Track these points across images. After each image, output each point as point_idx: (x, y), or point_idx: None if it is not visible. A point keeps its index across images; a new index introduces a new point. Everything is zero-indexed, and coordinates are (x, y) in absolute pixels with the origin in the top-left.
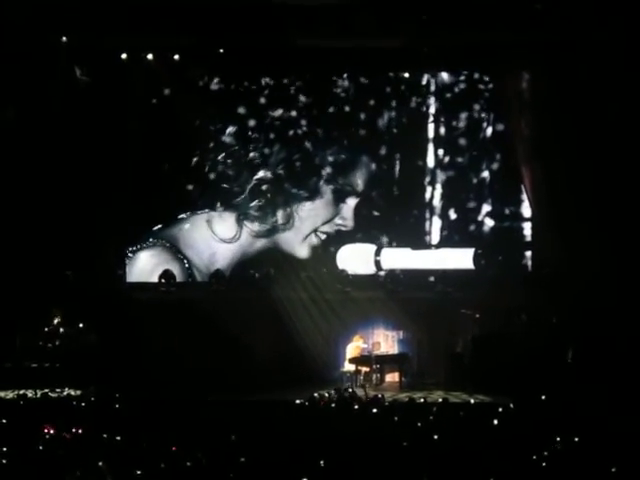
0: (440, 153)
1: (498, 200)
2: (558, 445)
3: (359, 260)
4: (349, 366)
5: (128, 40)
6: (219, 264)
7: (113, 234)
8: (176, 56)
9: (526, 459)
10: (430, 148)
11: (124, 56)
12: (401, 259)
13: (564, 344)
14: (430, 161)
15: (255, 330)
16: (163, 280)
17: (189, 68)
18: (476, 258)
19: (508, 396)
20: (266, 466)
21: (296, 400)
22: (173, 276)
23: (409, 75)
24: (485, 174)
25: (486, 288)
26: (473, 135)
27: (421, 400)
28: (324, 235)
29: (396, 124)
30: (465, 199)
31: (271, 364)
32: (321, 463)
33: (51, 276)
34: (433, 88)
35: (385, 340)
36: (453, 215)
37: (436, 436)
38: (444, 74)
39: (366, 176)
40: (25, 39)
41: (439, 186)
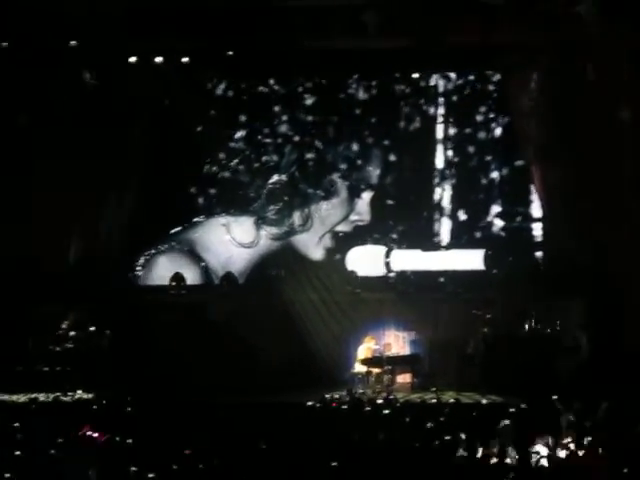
0: (449, 154)
1: (508, 201)
2: (571, 444)
3: (369, 262)
4: (360, 367)
5: (136, 43)
6: (235, 267)
7: (125, 238)
8: (185, 59)
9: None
10: (440, 149)
11: (133, 59)
12: (411, 260)
13: (575, 344)
14: (439, 162)
15: (266, 332)
16: (174, 283)
17: (198, 71)
18: (486, 259)
19: (519, 396)
20: (278, 467)
21: (307, 402)
22: (183, 279)
23: (418, 76)
24: (495, 175)
25: (497, 289)
26: (482, 136)
27: (433, 401)
28: (341, 234)
29: (405, 125)
30: (475, 200)
31: (282, 366)
32: (333, 464)
33: (62, 279)
34: (442, 89)
35: (396, 341)
36: (463, 216)
37: (448, 437)
38: (453, 74)
39: (378, 169)
40: (34, 44)
41: (449, 187)
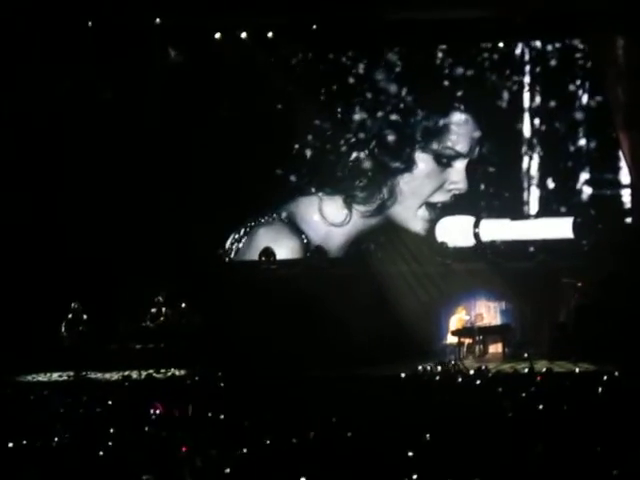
0: (536, 122)
1: (596, 168)
2: None
3: (458, 232)
4: (452, 338)
5: (221, 20)
6: (331, 243)
7: (214, 215)
8: (269, 34)
9: (631, 428)
10: (526, 118)
11: (217, 36)
12: (500, 230)
13: None
14: (527, 131)
15: (357, 305)
16: (264, 258)
17: (282, 46)
18: (575, 227)
19: (613, 364)
20: (372, 441)
21: (401, 374)
22: (273, 253)
23: (504, 45)
24: (582, 142)
25: (587, 256)
26: (569, 103)
27: (525, 370)
28: (439, 204)
29: (492, 94)
30: (563, 168)
31: (374, 339)
32: (427, 437)
33: (153, 257)
34: (528, 57)
35: (487, 311)
36: (551, 184)
37: (541, 406)
38: (538, 43)
39: (467, 138)
40: (120, 22)
41: (536, 156)
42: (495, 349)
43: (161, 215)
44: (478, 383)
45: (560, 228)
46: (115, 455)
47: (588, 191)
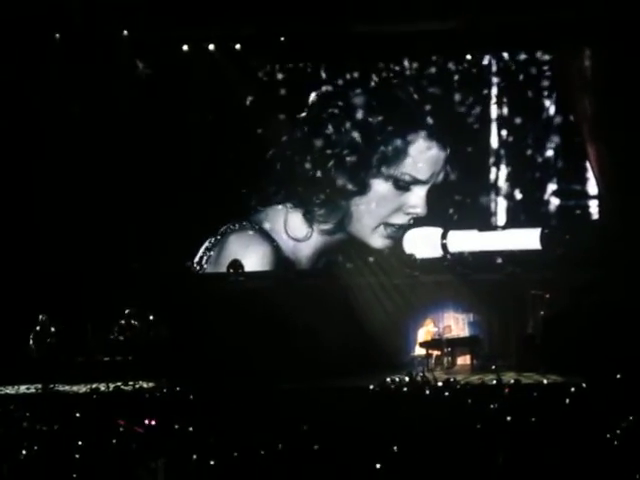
0: (504, 134)
1: (564, 179)
2: (632, 424)
3: (425, 244)
4: (420, 350)
5: (189, 31)
6: (301, 253)
7: (182, 226)
8: (237, 46)
9: (600, 438)
10: (494, 129)
11: (185, 47)
12: (468, 241)
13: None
14: (494, 142)
15: (324, 317)
16: (232, 270)
17: (250, 58)
18: (543, 238)
19: (581, 376)
20: (340, 453)
21: (369, 385)
22: (241, 266)
23: (471, 57)
24: (549, 153)
25: (555, 268)
26: (537, 115)
27: (493, 382)
28: (396, 226)
29: (458, 106)
30: (530, 179)
31: (341, 351)
32: (394, 449)
33: (121, 269)
34: (495, 69)
35: (456, 323)
36: (519, 195)
37: (509, 417)
38: (505, 54)
39: (430, 161)
40: (87, 34)
41: (504, 167)
42: (463, 361)
43: (129, 226)
44: (446, 395)
45: (528, 239)
46: (83, 468)
47: (556, 202)
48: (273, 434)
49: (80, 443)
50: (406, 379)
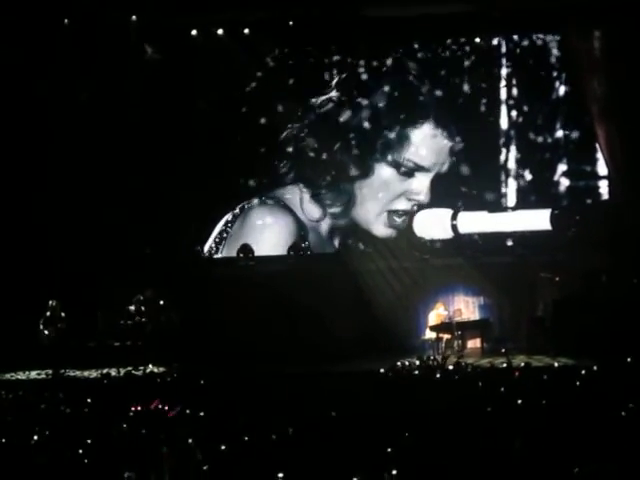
0: (513, 115)
1: (573, 160)
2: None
3: (436, 225)
4: (430, 334)
5: (197, 17)
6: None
7: (193, 211)
8: (246, 30)
9: (610, 421)
10: (503, 110)
11: (194, 32)
12: (478, 222)
13: None
14: (504, 123)
15: (335, 301)
16: (242, 255)
17: (260, 43)
18: (553, 218)
19: (591, 359)
20: (352, 437)
21: (379, 369)
22: (252, 250)
23: (480, 39)
24: (559, 134)
25: (565, 250)
26: (546, 95)
27: (503, 365)
28: (400, 211)
29: (468, 88)
30: (540, 160)
31: (353, 335)
32: (406, 433)
33: (132, 254)
34: (504, 50)
35: (466, 306)
36: (529, 176)
37: (520, 400)
38: (515, 37)
39: (434, 149)
40: (96, 20)
41: (513, 148)
42: (474, 344)
43: (140, 212)
44: (457, 378)
45: (538, 220)
46: (96, 453)
47: (565, 183)
48: (284, 418)
49: (92, 428)
50: (417, 362)
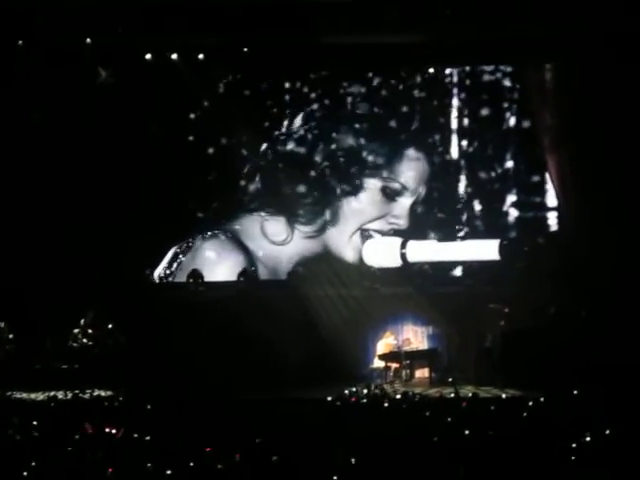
0: (464, 144)
1: (523, 190)
2: (589, 438)
3: (385, 254)
4: (379, 362)
5: (152, 40)
6: (267, 263)
7: (143, 235)
8: (200, 55)
9: (557, 452)
10: (454, 140)
11: (148, 56)
12: (427, 251)
13: (594, 338)
14: (454, 153)
15: (284, 328)
16: (191, 280)
17: (214, 68)
18: (502, 249)
19: (539, 390)
20: (297, 465)
21: (326, 397)
22: (201, 276)
23: (433, 70)
24: (509, 164)
25: (514, 282)
26: (497, 126)
27: (451, 395)
28: (373, 233)
29: (419, 117)
30: (490, 190)
31: (301, 362)
32: (352, 461)
33: (80, 277)
34: (456, 80)
35: (415, 336)
36: (478, 206)
37: (467, 431)
38: (468, 68)
39: (413, 172)
40: (50, 42)
41: (463, 178)
42: (422, 374)
43: (90, 233)
44: (404, 407)
45: (487, 250)
46: (40, 476)
47: (515, 214)
48: (230, 445)
49: (37, 451)
50: (364, 391)
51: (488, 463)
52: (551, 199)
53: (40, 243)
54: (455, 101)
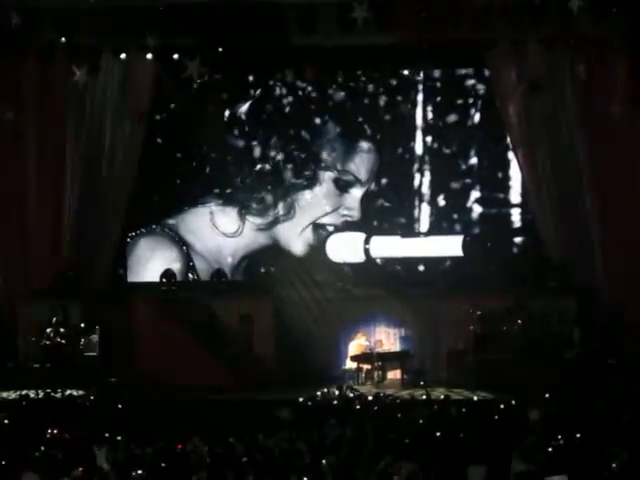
0: (428, 140)
1: (486, 187)
2: (560, 442)
3: (348, 249)
4: (351, 364)
5: (127, 40)
6: (224, 258)
7: (113, 234)
8: (175, 55)
9: (528, 455)
10: (419, 135)
11: (123, 56)
12: (390, 247)
13: (566, 341)
14: (419, 149)
15: (257, 330)
16: (164, 279)
17: (188, 67)
18: (465, 245)
19: (510, 393)
20: (268, 465)
21: (299, 398)
22: (174, 275)
23: (402, 70)
24: (474, 161)
25: (487, 286)
26: (461, 122)
27: (423, 397)
28: (328, 226)
29: (385, 113)
30: (454, 186)
31: (273, 363)
32: (323, 462)
33: (52, 275)
34: (421, 76)
35: (387, 337)
36: (442, 202)
37: (438, 433)
38: (436, 68)
39: (367, 165)
40: (24, 40)
41: (428, 173)
42: (394, 375)
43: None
44: (376, 409)
45: (449, 246)
46: (11, 475)
47: (478, 210)
48: (201, 444)
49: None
50: (336, 392)
51: (459, 465)
52: (513, 195)
53: (10, 242)
54: (419, 96)
